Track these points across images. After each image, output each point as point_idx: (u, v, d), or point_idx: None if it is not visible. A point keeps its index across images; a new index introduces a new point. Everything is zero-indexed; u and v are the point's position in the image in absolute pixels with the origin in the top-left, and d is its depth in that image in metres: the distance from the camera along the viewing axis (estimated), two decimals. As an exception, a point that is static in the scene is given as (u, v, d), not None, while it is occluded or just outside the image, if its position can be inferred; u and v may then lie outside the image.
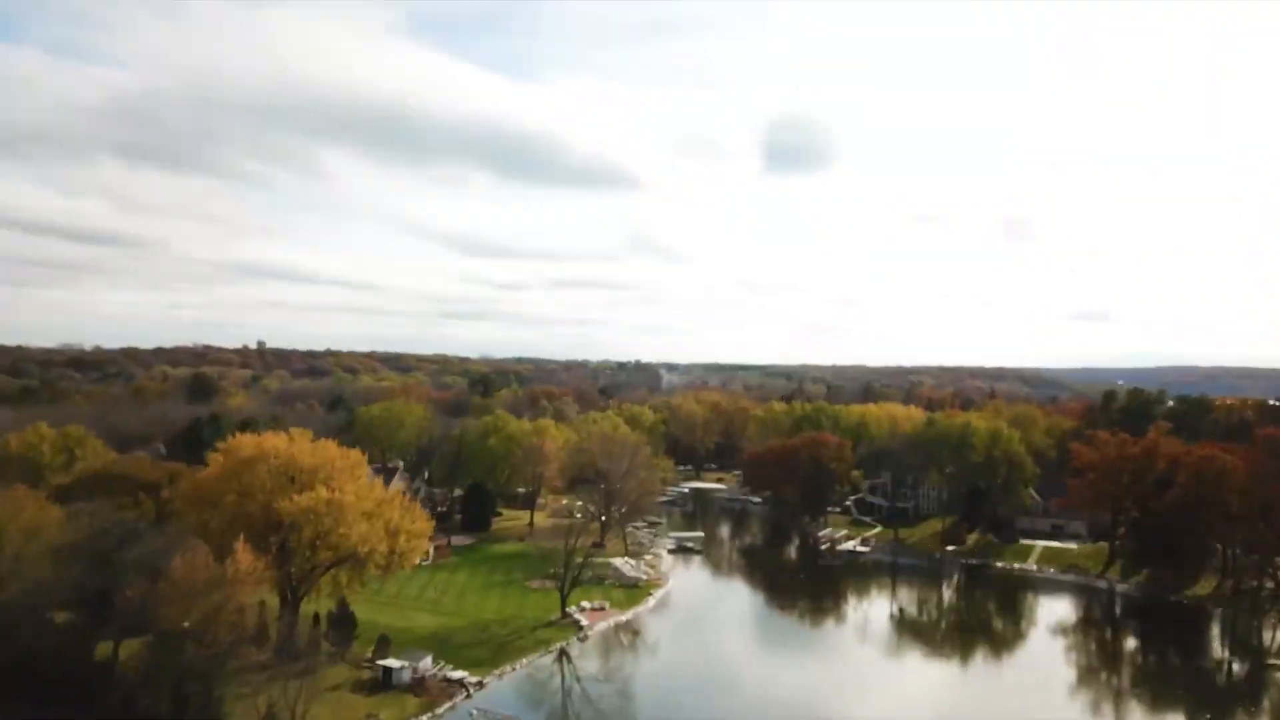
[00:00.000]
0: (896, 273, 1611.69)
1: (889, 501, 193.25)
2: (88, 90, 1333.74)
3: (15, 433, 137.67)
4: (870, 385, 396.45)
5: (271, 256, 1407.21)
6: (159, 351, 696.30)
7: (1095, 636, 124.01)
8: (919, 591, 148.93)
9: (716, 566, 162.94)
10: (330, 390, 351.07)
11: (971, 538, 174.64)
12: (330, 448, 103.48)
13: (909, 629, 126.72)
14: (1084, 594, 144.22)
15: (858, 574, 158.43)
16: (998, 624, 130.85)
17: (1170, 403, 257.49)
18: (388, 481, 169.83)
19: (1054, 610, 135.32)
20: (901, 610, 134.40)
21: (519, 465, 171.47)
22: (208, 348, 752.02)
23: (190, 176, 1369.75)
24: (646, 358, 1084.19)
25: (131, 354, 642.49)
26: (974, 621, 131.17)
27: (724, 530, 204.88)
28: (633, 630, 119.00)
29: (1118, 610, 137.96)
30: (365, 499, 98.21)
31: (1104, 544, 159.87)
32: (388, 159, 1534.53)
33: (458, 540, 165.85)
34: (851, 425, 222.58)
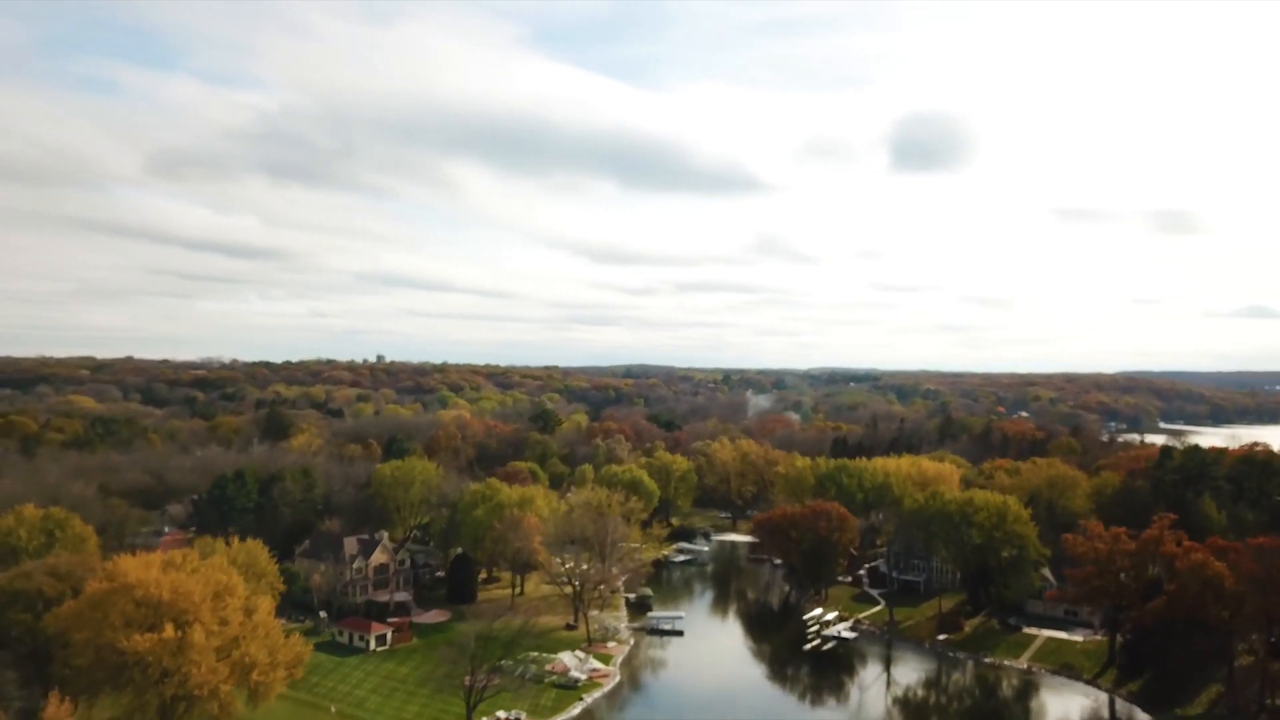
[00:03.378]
0: (1038, 270, 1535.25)
1: (898, 574, 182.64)
2: (236, 114, 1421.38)
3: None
4: (949, 415, 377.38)
5: (407, 266, 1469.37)
6: (284, 367, 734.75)
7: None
8: (895, 692, 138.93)
9: (686, 654, 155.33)
10: (402, 425, 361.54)
11: (972, 623, 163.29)
12: (208, 572, 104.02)
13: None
14: (1073, 703, 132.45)
15: (837, 667, 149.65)
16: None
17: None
18: (369, 553, 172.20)
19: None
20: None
21: (500, 537, 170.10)
22: (329, 363, 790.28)
23: (330, 192, 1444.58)
24: (770, 363, 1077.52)
25: (253, 372, 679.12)
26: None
27: (721, 602, 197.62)
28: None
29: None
30: (231, 627, 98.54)
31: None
32: (515, 169, 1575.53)
33: (434, 616, 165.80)
34: (875, 485, 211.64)
